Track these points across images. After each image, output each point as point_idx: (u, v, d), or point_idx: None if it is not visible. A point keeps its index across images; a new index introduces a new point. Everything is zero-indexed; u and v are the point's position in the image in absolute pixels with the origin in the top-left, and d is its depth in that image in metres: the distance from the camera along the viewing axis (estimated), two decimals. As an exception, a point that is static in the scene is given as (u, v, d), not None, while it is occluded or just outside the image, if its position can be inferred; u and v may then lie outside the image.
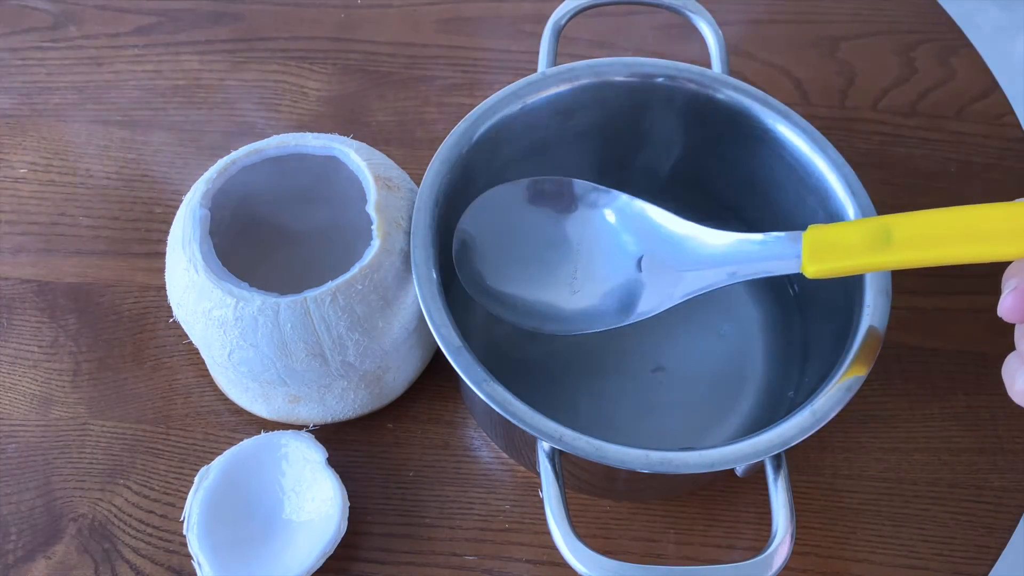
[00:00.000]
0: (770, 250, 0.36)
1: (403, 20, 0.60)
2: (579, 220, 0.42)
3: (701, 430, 0.45)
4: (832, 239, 0.34)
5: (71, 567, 0.43)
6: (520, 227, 0.43)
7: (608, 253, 0.42)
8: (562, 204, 0.42)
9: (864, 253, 0.32)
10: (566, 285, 0.42)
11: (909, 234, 0.31)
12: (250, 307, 0.38)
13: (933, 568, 0.43)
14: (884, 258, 0.32)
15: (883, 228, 0.32)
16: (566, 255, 0.42)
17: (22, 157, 0.54)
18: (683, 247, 0.40)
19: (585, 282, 0.42)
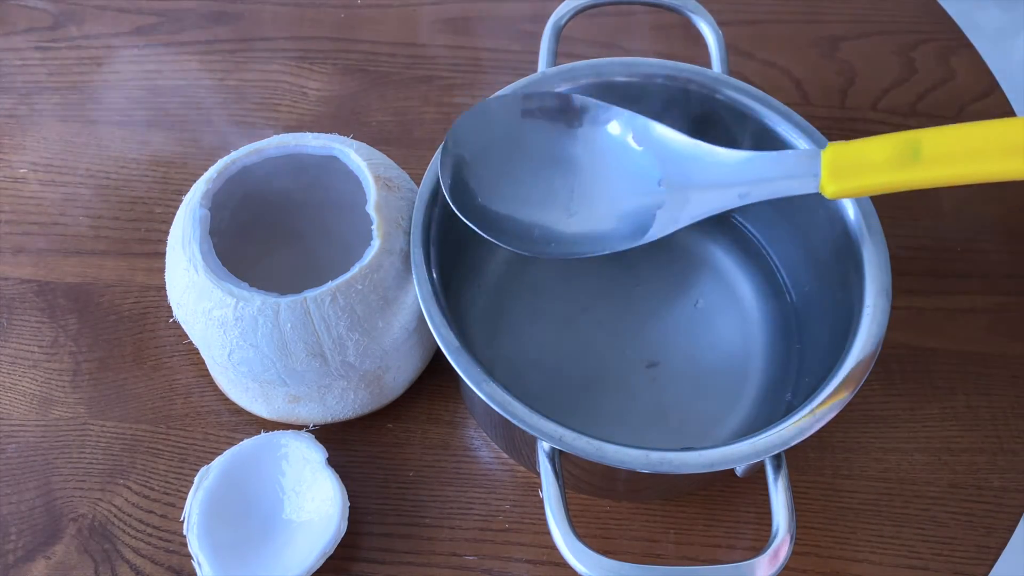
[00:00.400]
0: (786, 168, 0.34)
1: (403, 20, 0.60)
2: (578, 137, 0.40)
3: (701, 430, 0.45)
4: (855, 156, 0.32)
5: (71, 567, 0.43)
6: (514, 143, 0.40)
7: (608, 172, 0.39)
8: (561, 120, 0.40)
9: (890, 170, 0.30)
10: (563, 206, 0.40)
11: (940, 149, 0.30)
12: (250, 307, 0.38)
13: (933, 568, 0.43)
14: (913, 175, 0.30)
15: (911, 143, 0.30)
16: (563, 174, 0.40)
17: (22, 157, 0.54)
18: (690, 166, 0.37)
19: (583, 203, 0.39)
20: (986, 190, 0.54)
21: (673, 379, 0.46)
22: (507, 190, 0.39)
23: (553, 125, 0.40)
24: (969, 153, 0.29)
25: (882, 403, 0.47)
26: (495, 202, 0.39)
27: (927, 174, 0.30)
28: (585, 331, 0.47)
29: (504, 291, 0.48)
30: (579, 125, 0.40)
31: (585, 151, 0.40)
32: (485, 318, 0.47)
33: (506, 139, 0.40)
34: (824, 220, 0.42)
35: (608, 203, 0.39)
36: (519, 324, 0.47)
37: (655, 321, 0.47)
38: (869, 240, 0.39)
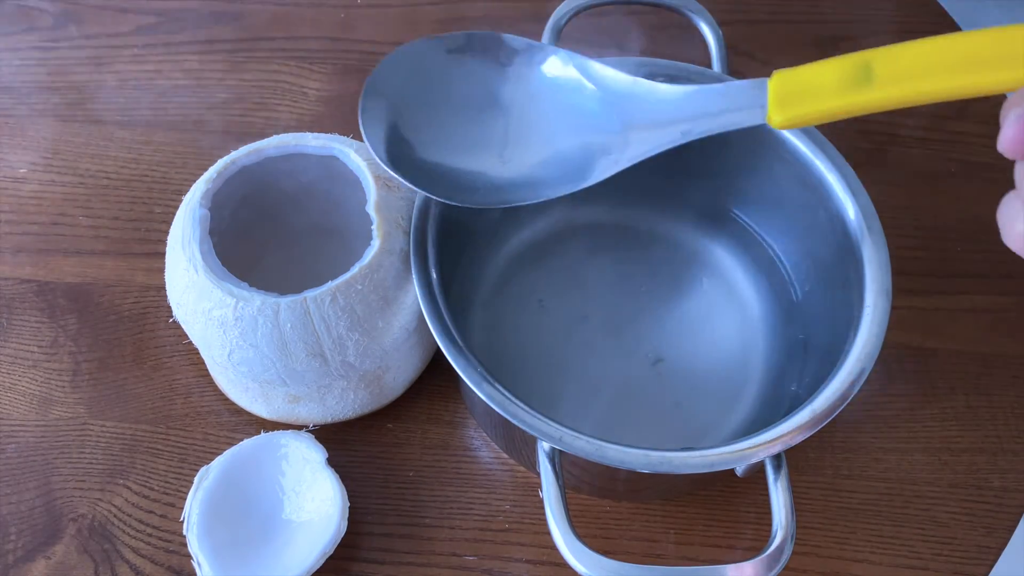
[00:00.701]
0: (729, 101, 0.33)
1: (403, 20, 0.60)
2: (510, 78, 0.38)
3: (701, 430, 0.45)
4: (803, 82, 0.30)
5: (71, 567, 0.43)
6: (442, 87, 0.38)
7: (544, 114, 0.37)
8: (489, 60, 0.38)
9: (841, 93, 0.29)
10: (496, 152, 0.37)
11: (893, 68, 0.28)
12: (250, 307, 0.38)
13: (933, 568, 0.43)
14: (865, 97, 0.29)
15: (862, 64, 0.29)
16: (496, 118, 0.38)
17: (22, 157, 0.54)
18: (629, 104, 0.36)
19: (517, 148, 0.37)
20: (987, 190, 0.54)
21: (673, 379, 0.46)
22: (435, 137, 0.37)
23: (484, 67, 0.38)
24: (923, 70, 0.28)
25: (882, 403, 0.47)
26: (424, 151, 0.37)
27: (881, 94, 0.28)
28: (585, 331, 0.47)
29: (504, 291, 0.48)
30: (512, 66, 0.38)
31: (519, 93, 0.37)
32: (485, 318, 0.47)
33: (433, 84, 0.38)
34: (824, 220, 0.42)
35: (543, 147, 0.37)
36: (520, 324, 0.47)
37: (656, 321, 0.47)
38: (869, 240, 0.39)
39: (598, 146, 0.36)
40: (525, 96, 0.38)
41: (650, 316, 0.47)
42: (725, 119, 0.33)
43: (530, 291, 0.48)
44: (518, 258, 0.48)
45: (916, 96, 0.28)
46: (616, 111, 0.36)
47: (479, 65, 0.38)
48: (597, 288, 0.48)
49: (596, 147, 0.36)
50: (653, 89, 0.35)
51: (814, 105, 0.30)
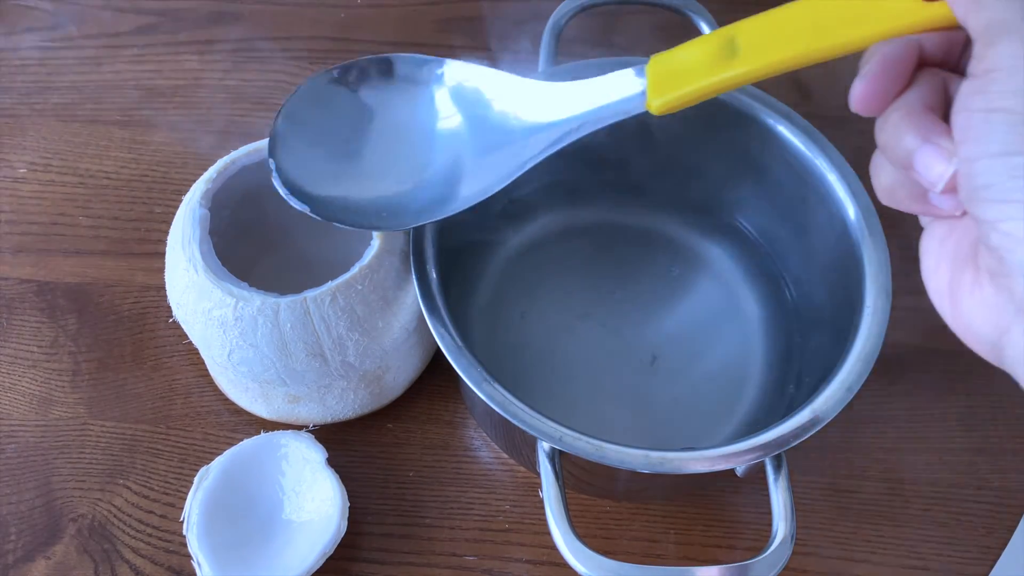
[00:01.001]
0: (613, 91, 0.33)
1: (403, 20, 0.60)
2: (401, 101, 0.38)
3: (701, 430, 0.45)
4: (676, 64, 0.30)
5: (71, 567, 0.43)
6: (341, 117, 0.39)
7: (430, 133, 0.38)
8: (385, 85, 0.39)
9: (710, 70, 0.29)
10: (406, 174, 0.38)
11: (755, 39, 0.28)
12: (250, 307, 0.38)
13: (933, 568, 0.43)
14: (732, 71, 0.29)
15: (727, 38, 0.29)
16: (396, 140, 0.38)
17: (22, 157, 0.54)
18: (515, 110, 0.36)
19: (409, 169, 0.38)
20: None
21: (673, 379, 0.46)
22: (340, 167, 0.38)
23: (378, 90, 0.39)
24: (783, 38, 0.28)
25: (882, 403, 0.47)
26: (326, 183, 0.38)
27: (747, 66, 0.29)
28: (585, 331, 0.47)
29: (504, 291, 0.48)
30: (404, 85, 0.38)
31: (415, 111, 0.38)
32: (485, 318, 0.47)
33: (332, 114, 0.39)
34: (824, 220, 0.42)
35: (443, 162, 0.38)
36: (519, 324, 0.47)
37: (656, 321, 0.47)
38: (869, 240, 0.39)
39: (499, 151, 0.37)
40: (413, 117, 0.38)
41: (650, 316, 0.47)
42: (611, 110, 0.33)
43: (530, 291, 0.48)
44: (518, 258, 0.49)
45: (780, 64, 0.28)
46: (502, 119, 0.36)
47: (372, 93, 0.39)
48: (597, 288, 0.48)
49: (484, 158, 0.37)
50: (536, 89, 0.36)
51: (687, 85, 0.30)
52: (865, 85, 0.26)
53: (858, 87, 0.26)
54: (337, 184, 0.38)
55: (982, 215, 0.23)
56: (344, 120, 0.39)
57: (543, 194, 0.49)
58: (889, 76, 0.25)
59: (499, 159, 0.37)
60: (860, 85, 0.26)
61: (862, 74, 0.26)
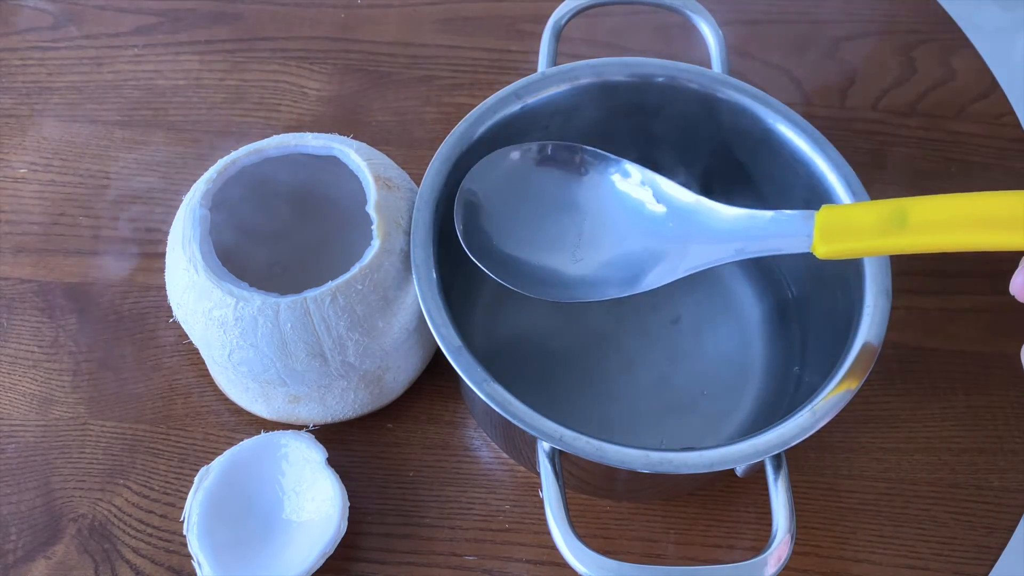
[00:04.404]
0: (780, 228, 0.36)
1: (403, 20, 0.60)
2: (586, 186, 0.42)
3: (701, 430, 0.45)
4: (845, 220, 0.33)
5: (71, 567, 0.43)
6: (526, 189, 0.42)
7: (613, 221, 0.41)
8: (570, 169, 0.42)
9: (878, 235, 0.32)
10: (569, 251, 0.41)
11: (925, 218, 0.31)
12: (250, 307, 0.38)
13: (933, 568, 0.43)
14: (898, 241, 0.31)
15: (899, 211, 0.32)
16: (571, 220, 0.42)
17: (22, 157, 0.54)
18: (690, 219, 0.39)
19: (589, 249, 0.41)
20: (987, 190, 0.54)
21: (673, 379, 0.46)
22: (516, 234, 0.41)
23: (563, 173, 0.42)
24: (954, 224, 0.30)
25: (882, 403, 0.47)
26: (505, 244, 0.41)
27: (912, 241, 0.31)
28: (585, 332, 0.47)
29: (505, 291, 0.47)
30: (587, 174, 0.42)
31: (593, 199, 0.42)
32: (485, 318, 0.47)
33: (518, 185, 0.42)
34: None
35: (611, 250, 0.41)
36: (520, 324, 0.47)
37: (656, 322, 0.47)
38: (869, 240, 0.39)
39: (659, 254, 0.40)
40: (598, 202, 0.42)
41: (650, 317, 0.47)
42: (776, 242, 0.36)
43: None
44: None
45: (943, 245, 0.31)
46: (677, 225, 0.39)
47: (560, 172, 0.42)
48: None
49: (657, 255, 0.40)
50: (713, 209, 0.38)
51: (854, 243, 0.33)
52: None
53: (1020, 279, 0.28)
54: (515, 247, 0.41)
55: None
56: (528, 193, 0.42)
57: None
58: None
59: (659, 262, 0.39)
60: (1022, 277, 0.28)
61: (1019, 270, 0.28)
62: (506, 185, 0.41)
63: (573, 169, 0.42)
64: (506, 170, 0.41)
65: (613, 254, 0.41)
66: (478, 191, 0.41)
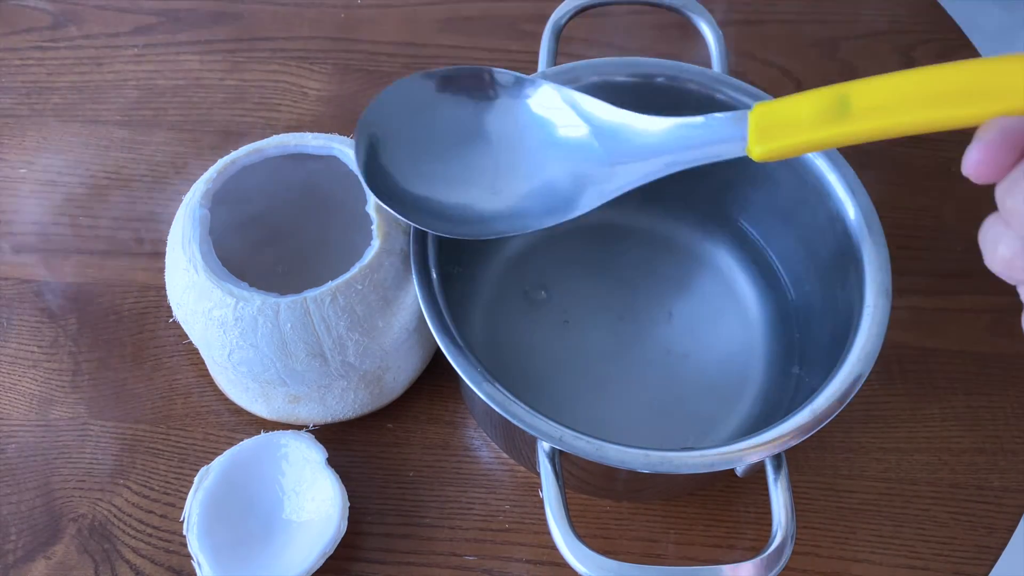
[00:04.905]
0: (712, 133, 0.34)
1: (403, 20, 0.60)
2: (499, 111, 0.39)
3: (701, 430, 0.45)
4: (782, 115, 0.31)
5: (71, 567, 0.43)
6: (432, 121, 0.39)
7: (531, 147, 0.38)
8: (479, 95, 0.39)
9: (818, 126, 0.29)
10: (487, 184, 0.38)
11: (869, 101, 0.28)
12: (250, 307, 0.38)
13: (933, 568, 0.43)
14: (842, 129, 0.29)
15: (839, 97, 0.29)
16: (485, 151, 0.39)
17: (22, 157, 0.54)
18: (615, 137, 0.37)
19: (507, 180, 0.38)
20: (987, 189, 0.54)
21: (674, 380, 0.46)
22: (426, 170, 0.38)
23: (474, 101, 0.39)
24: (900, 104, 0.28)
25: (882, 403, 0.47)
26: (414, 184, 0.38)
27: (857, 128, 0.29)
28: (585, 331, 0.47)
29: (505, 291, 0.48)
30: (500, 99, 0.39)
31: (508, 126, 0.39)
32: (485, 318, 0.47)
33: (424, 118, 0.39)
34: (824, 220, 0.42)
35: (531, 179, 0.38)
36: (520, 323, 0.47)
37: (655, 322, 0.47)
38: (869, 240, 0.39)
39: (585, 177, 0.37)
40: (513, 129, 0.39)
41: (650, 317, 0.47)
42: (707, 151, 0.34)
43: (530, 291, 0.48)
44: (518, 258, 0.48)
45: (891, 129, 0.28)
46: (602, 144, 0.37)
47: (468, 99, 0.39)
48: (597, 288, 0.48)
49: (583, 178, 0.37)
50: (638, 122, 0.36)
51: (792, 138, 0.30)
52: (981, 153, 0.25)
53: (973, 154, 0.25)
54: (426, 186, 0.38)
55: None
56: (439, 124, 0.39)
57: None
58: (1007, 146, 0.25)
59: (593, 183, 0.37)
60: (975, 152, 0.25)
61: (978, 140, 0.25)
62: (411, 118, 0.38)
63: (483, 95, 0.39)
64: (410, 102, 0.39)
65: (535, 183, 0.38)
66: (380, 126, 0.38)
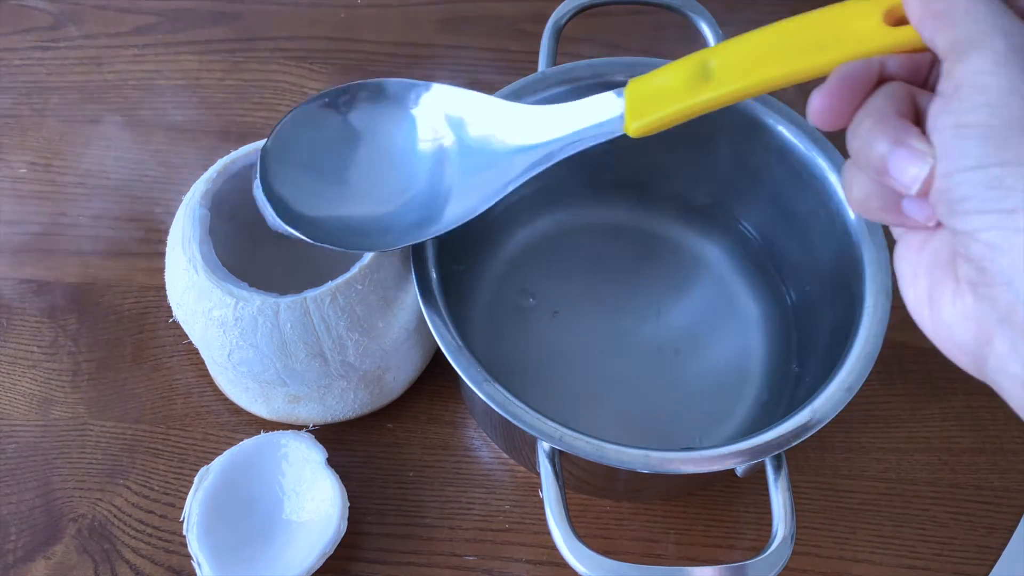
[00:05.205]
0: (591, 116, 0.34)
1: (403, 20, 0.60)
2: (388, 124, 0.39)
3: (701, 430, 0.45)
4: (652, 88, 0.31)
5: (71, 567, 0.43)
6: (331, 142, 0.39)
7: (415, 155, 0.38)
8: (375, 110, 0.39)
9: (685, 94, 0.30)
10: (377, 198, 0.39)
11: (728, 61, 0.29)
12: (250, 307, 0.38)
13: (933, 568, 0.43)
14: (707, 95, 0.29)
15: (700, 62, 0.30)
16: (376, 166, 0.39)
17: (22, 157, 0.54)
18: (497, 133, 0.37)
19: (393, 191, 0.38)
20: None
21: (673, 379, 0.46)
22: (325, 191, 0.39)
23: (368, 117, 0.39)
24: (758, 61, 0.28)
25: (882, 403, 0.47)
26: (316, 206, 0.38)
27: (720, 90, 0.29)
28: (584, 331, 0.47)
29: (504, 291, 0.48)
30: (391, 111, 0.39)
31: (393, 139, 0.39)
32: (485, 318, 0.47)
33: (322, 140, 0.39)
34: (824, 220, 0.42)
35: (407, 190, 0.38)
36: (519, 323, 0.47)
37: (655, 322, 0.47)
38: (869, 240, 0.39)
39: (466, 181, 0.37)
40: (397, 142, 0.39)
41: (649, 317, 0.47)
42: (588, 133, 0.34)
43: (530, 291, 0.48)
44: (518, 258, 0.49)
45: (753, 88, 0.28)
46: (482, 143, 0.37)
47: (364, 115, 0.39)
48: (596, 289, 0.48)
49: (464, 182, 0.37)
50: (516, 113, 0.36)
51: (662, 109, 0.31)
52: (821, 99, 0.26)
53: (815, 101, 0.26)
54: (327, 206, 0.38)
55: (961, 227, 0.23)
56: (334, 144, 0.39)
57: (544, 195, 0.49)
58: (846, 91, 0.26)
59: (482, 181, 0.37)
60: (817, 99, 0.26)
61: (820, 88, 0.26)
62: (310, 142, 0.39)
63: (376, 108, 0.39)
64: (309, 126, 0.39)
65: (431, 187, 0.38)
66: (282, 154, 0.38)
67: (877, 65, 0.26)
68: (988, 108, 0.22)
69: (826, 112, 0.26)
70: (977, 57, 0.23)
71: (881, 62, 0.26)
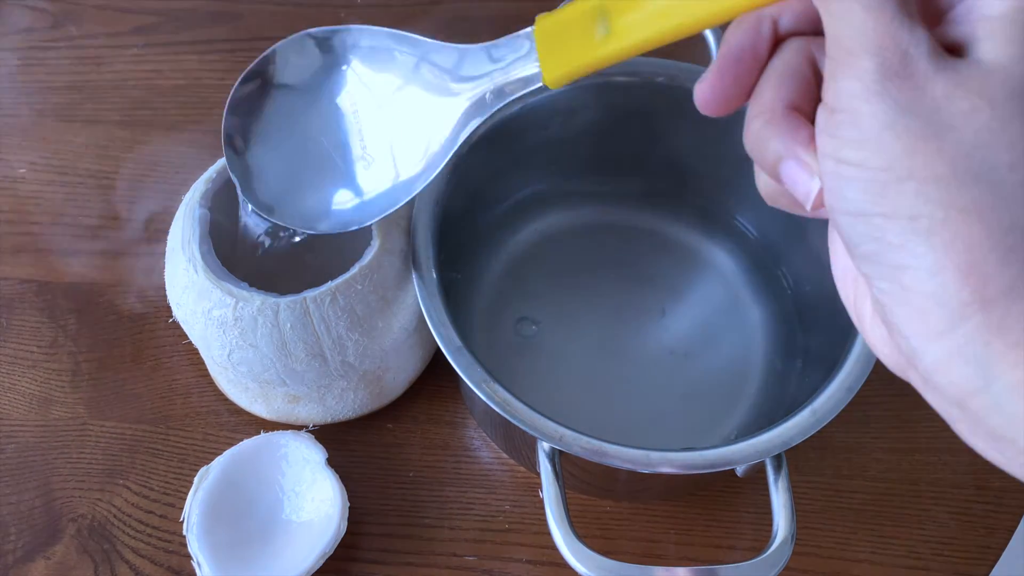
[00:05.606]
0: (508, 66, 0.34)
1: (403, 20, 0.60)
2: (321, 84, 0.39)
3: (701, 430, 0.45)
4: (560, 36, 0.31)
5: (71, 567, 0.43)
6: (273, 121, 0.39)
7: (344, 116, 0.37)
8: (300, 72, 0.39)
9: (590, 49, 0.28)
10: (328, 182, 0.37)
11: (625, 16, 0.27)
12: (250, 307, 0.38)
13: (934, 568, 0.43)
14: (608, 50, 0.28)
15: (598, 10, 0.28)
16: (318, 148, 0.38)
17: (22, 157, 0.54)
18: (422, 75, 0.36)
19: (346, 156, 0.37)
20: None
21: (673, 379, 0.46)
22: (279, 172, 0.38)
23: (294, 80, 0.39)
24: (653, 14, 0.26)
25: (882, 403, 0.47)
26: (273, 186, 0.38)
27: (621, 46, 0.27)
28: (585, 331, 0.47)
29: (504, 291, 0.48)
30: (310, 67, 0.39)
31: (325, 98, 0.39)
32: (485, 318, 0.47)
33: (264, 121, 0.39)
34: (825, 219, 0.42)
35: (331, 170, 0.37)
36: (519, 325, 0.47)
37: (656, 322, 0.47)
38: (869, 240, 0.39)
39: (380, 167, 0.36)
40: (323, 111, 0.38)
41: (650, 317, 0.47)
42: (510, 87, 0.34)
43: (530, 291, 0.48)
44: (518, 258, 0.49)
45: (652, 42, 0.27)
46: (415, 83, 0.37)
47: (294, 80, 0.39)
48: (597, 289, 0.48)
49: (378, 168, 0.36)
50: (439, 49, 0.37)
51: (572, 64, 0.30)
52: (702, 85, 0.24)
53: (696, 89, 0.24)
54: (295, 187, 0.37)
55: (858, 266, 0.21)
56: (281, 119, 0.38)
57: (544, 195, 0.49)
58: (730, 73, 0.24)
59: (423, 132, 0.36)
60: (698, 86, 0.24)
61: (701, 78, 0.24)
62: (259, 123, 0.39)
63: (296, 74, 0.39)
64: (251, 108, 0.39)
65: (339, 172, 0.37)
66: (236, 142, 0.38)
67: (768, 32, 0.23)
68: (865, 145, 0.20)
69: (710, 99, 0.24)
70: (846, 80, 0.20)
71: (774, 19, 0.23)
